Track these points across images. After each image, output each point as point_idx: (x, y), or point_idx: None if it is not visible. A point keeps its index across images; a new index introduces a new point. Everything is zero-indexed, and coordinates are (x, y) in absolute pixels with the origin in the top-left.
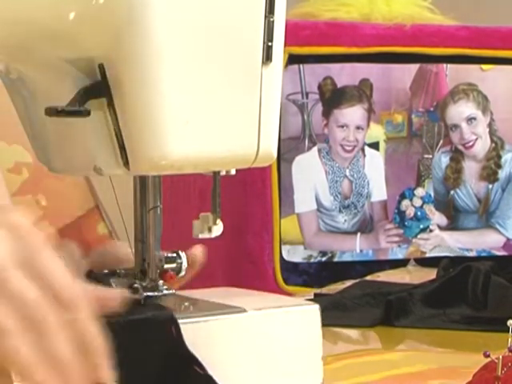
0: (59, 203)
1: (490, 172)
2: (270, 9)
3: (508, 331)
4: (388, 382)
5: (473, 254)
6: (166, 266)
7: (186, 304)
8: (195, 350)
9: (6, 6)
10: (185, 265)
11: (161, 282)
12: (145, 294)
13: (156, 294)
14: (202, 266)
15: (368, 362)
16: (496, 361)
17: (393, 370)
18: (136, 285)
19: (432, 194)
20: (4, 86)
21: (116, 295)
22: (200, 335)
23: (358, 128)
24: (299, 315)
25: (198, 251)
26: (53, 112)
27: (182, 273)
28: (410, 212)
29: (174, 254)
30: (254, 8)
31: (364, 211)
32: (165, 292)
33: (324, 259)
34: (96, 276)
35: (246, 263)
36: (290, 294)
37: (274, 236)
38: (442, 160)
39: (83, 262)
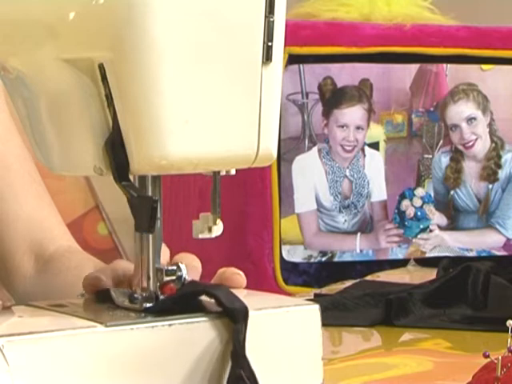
0: (59, 203)
1: (490, 172)
2: (269, 9)
3: (508, 331)
4: (388, 382)
5: (473, 254)
6: (166, 278)
7: None
8: (195, 351)
9: (5, 6)
10: (185, 277)
11: (161, 294)
12: (145, 304)
13: (155, 304)
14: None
15: (368, 363)
16: (495, 361)
17: (393, 371)
18: (136, 295)
19: (432, 194)
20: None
21: None
22: (200, 335)
23: (357, 128)
24: (299, 315)
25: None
26: None
27: None
28: (410, 212)
29: (175, 267)
30: (253, 8)
31: (364, 211)
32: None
33: (324, 259)
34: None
35: (246, 263)
36: (289, 294)
37: (273, 236)
38: (442, 160)
39: None
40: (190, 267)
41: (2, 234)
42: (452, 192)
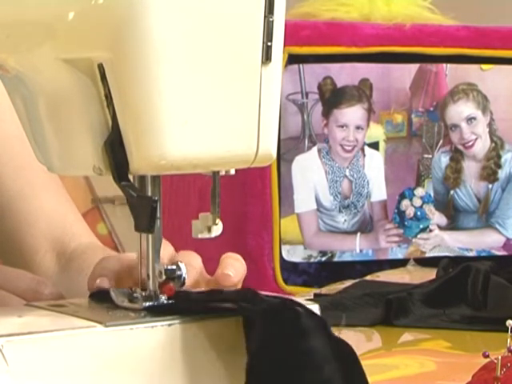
0: None
1: (489, 172)
2: (269, 9)
3: (507, 331)
4: (389, 383)
5: (473, 253)
6: (166, 277)
7: None
8: (195, 351)
9: (4, 6)
10: (184, 276)
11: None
12: (145, 304)
13: (156, 303)
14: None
15: (369, 364)
16: (495, 361)
17: (393, 371)
18: (136, 294)
19: (432, 194)
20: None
21: None
22: (200, 335)
23: (357, 128)
24: None
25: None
26: None
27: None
28: (410, 212)
29: (174, 267)
30: (253, 8)
31: (364, 211)
32: (165, 302)
33: (324, 259)
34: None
35: (245, 263)
36: (289, 294)
37: (273, 236)
38: (442, 160)
39: None
40: (187, 266)
41: (23, 232)
42: (452, 192)
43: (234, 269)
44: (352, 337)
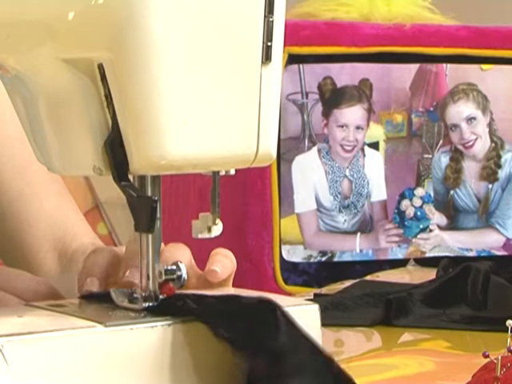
0: None
1: (489, 172)
2: (269, 9)
3: (507, 331)
4: (388, 383)
5: (473, 253)
6: (166, 278)
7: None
8: (195, 351)
9: (4, 6)
10: (184, 277)
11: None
12: (144, 304)
13: (156, 304)
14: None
15: (368, 364)
16: (495, 361)
17: (393, 371)
18: (136, 294)
19: (432, 194)
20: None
21: None
22: (200, 335)
23: (357, 128)
24: (299, 315)
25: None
26: None
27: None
28: (410, 212)
29: (174, 267)
30: (253, 8)
31: (364, 211)
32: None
33: (324, 259)
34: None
35: (245, 263)
36: (289, 294)
37: (273, 236)
38: (442, 160)
39: None
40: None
41: (24, 232)
42: (452, 192)
43: (221, 265)
44: (352, 337)
